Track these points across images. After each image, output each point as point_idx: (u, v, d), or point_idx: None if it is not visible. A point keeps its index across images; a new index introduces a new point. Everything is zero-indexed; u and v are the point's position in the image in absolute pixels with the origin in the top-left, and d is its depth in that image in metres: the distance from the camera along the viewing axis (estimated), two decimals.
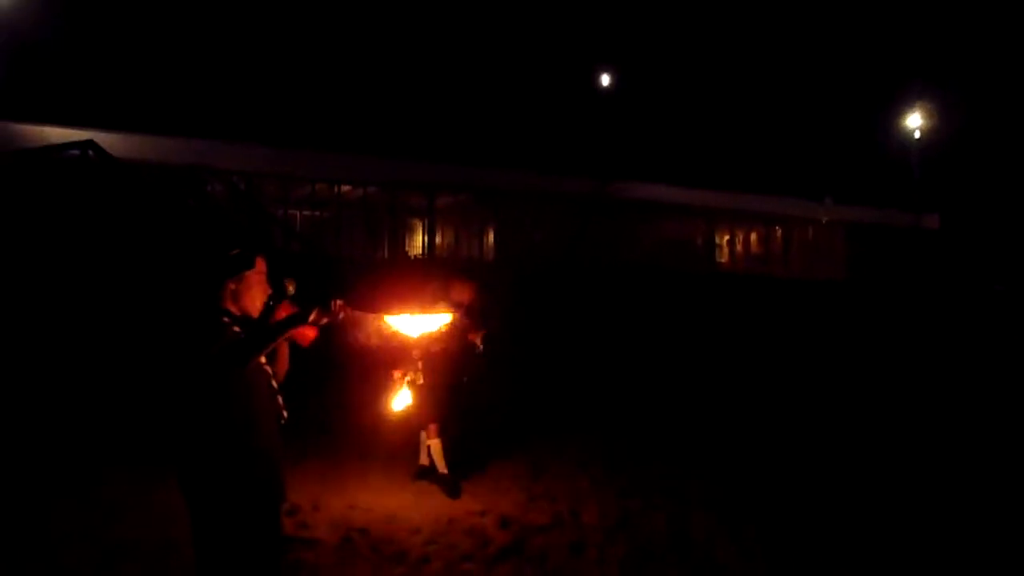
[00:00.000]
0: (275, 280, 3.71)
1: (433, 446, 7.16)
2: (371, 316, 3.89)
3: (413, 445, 7.50)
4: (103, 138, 17.38)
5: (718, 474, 7.84)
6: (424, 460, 7.31)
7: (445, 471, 7.13)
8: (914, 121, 38.84)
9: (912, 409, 10.98)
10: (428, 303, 4.12)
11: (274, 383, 3.67)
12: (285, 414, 3.69)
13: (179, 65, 30.89)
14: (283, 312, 3.65)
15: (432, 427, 7.14)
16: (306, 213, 28.16)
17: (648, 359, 13.69)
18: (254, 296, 3.62)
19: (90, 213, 14.30)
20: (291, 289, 3.73)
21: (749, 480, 7.63)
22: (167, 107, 28.19)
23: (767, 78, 42.57)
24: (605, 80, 34.78)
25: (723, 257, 37.44)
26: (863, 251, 36.92)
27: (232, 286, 3.58)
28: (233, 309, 3.58)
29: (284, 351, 3.79)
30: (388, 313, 3.96)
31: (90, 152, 15.72)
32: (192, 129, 24.85)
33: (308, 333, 3.69)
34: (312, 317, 3.45)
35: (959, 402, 11.39)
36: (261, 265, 3.67)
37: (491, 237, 31.60)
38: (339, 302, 3.54)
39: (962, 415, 10.61)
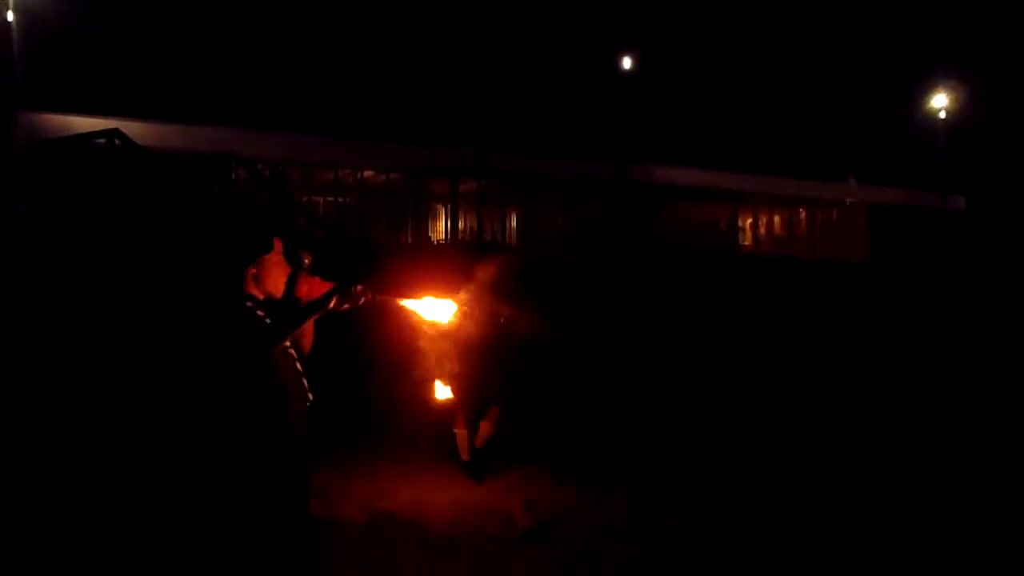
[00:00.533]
0: (290, 255, 3.75)
1: (458, 435, 7.21)
2: (393, 301, 3.90)
3: (439, 432, 7.59)
4: (128, 127, 17.49)
5: (743, 460, 7.84)
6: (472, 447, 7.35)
7: (467, 458, 7.21)
8: (940, 101, 38.43)
9: (938, 394, 10.91)
10: (450, 287, 4.12)
11: (299, 366, 3.71)
12: (311, 396, 3.72)
13: (203, 54, 31.02)
14: (304, 286, 3.70)
15: (459, 417, 7.18)
16: (330, 199, 28.22)
17: (672, 343, 13.66)
18: (276, 278, 3.64)
19: (116, 201, 14.42)
20: (307, 261, 3.76)
21: (774, 467, 7.63)
22: (192, 95, 28.36)
23: (791, 59, 42.19)
24: (627, 63, 34.61)
25: (746, 240, 37.25)
26: (888, 232, 36.61)
27: (253, 271, 3.60)
28: (257, 293, 3.61)
29: (309, 327, 3.82)
30: (409, 297, 3.98)
31: (116, 141, 15.83)
32: (216, 117, 24.98)
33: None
34: (333, 303, 3.48)
35: (985, 387, 11.31)
36: (278, 246, 3.68)
37: (514, 221, 31.58)
38: (360, 287, 3.56)
39: (988, 400, 10.54)
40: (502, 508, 6.38)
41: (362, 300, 3.56)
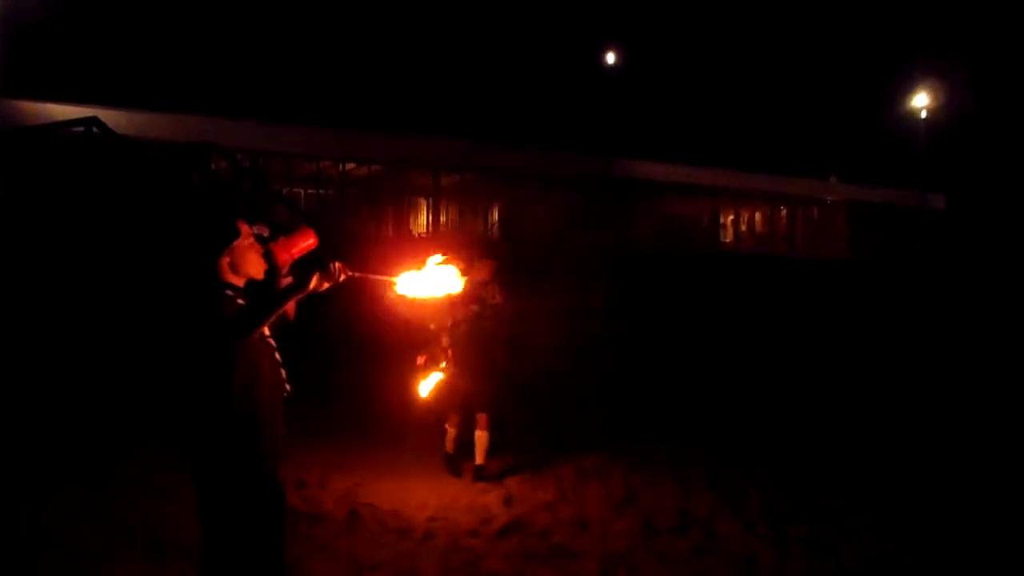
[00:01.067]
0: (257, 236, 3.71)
1: (448, 432, 7.14)
2: (372, 278, 3.86)
3: (422, 425, 7.54)
4: (107, 115, 17.32)
5: (720, 453, 7.85)
6: (451, 448, 7.22)
7: (451, 451, 7.16)
8: (920, 100, 38.65)
9: (916, 391, 10.96)
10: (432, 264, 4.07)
11: (278, 356, 3.68)
12: (288, 387, 3.70)
13: (183, 42, 30.77)
14: (282, 253, 3.69)
15: (452, 416, 7.09)
16: (311, 191, 28.14)
17: (650, 340, 13.68)
18: (252, 261, 3.63)
19: (94, 190, 14.30)
20: (266, 234, 3.73)
21: (750, 459, 7.65)
22: (171, 84, 28.10)
23: (772, 55, 42.33)
24: (610, 58, 34.62)
25: (728, 237, 37.41)
26: (868, 230, 36.86)
27: (227, 259, 3.59)
28: (236, 281, 3.58)
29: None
30: (390, 275, 3.94)
31: (94, 129, 15.68)
32: (197, 106, 24.79)
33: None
34: (313, 283, 3.46)
35: (963, 384, 11.36)
36: (245, 229, 3.66)
37: (495, 215, 31.57)
38: (338, 264, 3.54)
39: (967, 397, 10.59)
40: (481, 502, 6.37)
41: (342, 277, 3.54)
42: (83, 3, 27.91)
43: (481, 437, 6.98)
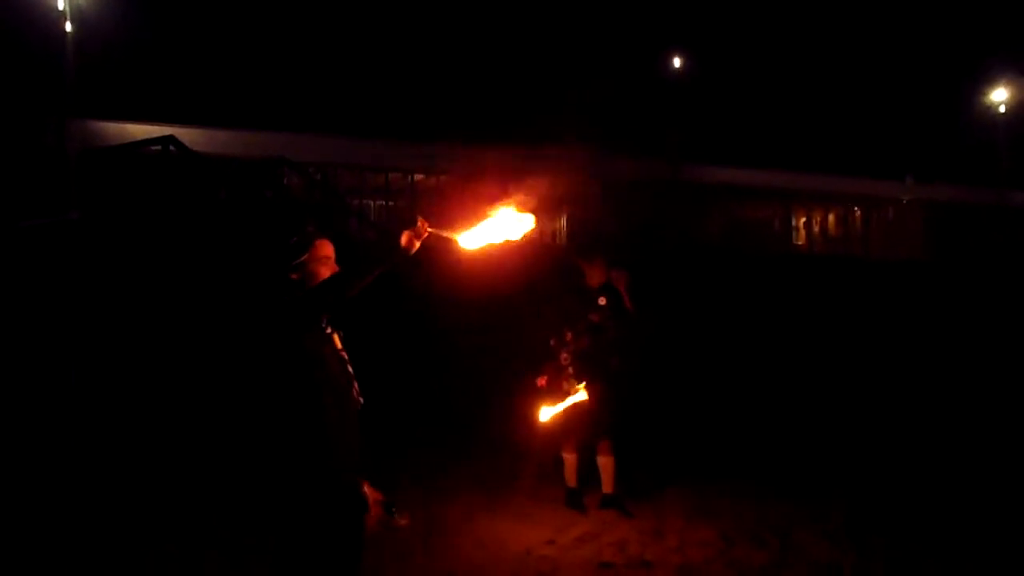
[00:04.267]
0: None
1: (567, 460, 6.48)
2: (443, 234, 3.55)
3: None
4: (183, 133, 17.72)
5: (799, 462, 7.70)
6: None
7: (574, 485, 6.51)
8: (999, 95, 37.57)
9: (1001, 397, 10.62)
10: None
11: (350, 368, 3.59)
12: (361, 400, 3.58)
13: (256, 60, 31.36)
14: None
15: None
16: (380, 202, 28.47)
17: (724, 344, 13.48)
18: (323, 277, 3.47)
19: (172, 206, 14.61)
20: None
21: (829, 469, 7.47)
22: (244, 101, 28.66)
23: (844, 54, 41.54)
24: (677, 62, 34.36)
25: (800, 239, 36.86)
26: (945, 230, 35.95)
27: (295, 276, 3.47)
28: None
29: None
30: (466, 228, 3.52)
31: (171, 147, 16.04)
32: (269, 122, 25.25)
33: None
34: (404, 242, 3.26)
35: None
36: (326, 249, 3.54)
37: (563, 221, 31.50)
38: (422, 220, 3.34)
39: None
40: (557, 512, 6.33)
41: (426, 233, 3.33)
42: (158, 26, 28.64)
43: (608, 463, 6.37)
